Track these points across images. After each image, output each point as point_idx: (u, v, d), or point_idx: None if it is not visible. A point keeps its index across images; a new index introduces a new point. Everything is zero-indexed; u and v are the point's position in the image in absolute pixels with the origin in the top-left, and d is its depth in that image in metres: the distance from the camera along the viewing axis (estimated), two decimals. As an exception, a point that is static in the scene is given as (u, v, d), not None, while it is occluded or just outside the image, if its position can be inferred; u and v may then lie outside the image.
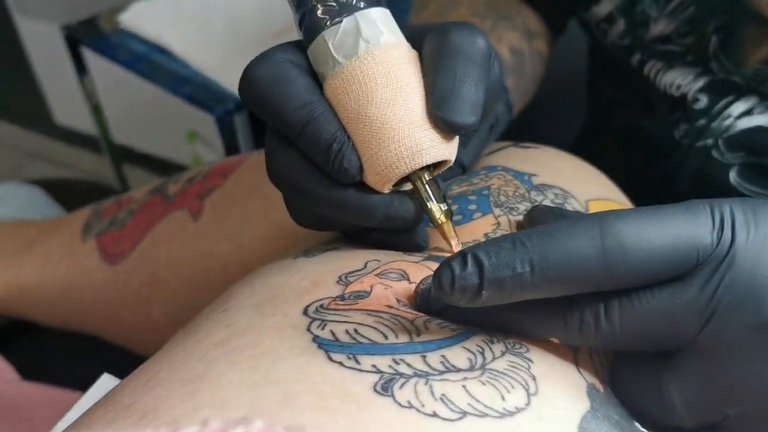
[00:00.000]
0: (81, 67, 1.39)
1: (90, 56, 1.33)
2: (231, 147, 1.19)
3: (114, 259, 0.76)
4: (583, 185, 0.59)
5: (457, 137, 0.49)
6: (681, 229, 0.38)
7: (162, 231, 0.73)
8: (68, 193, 1.05)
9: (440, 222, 0.48)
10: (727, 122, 0.65)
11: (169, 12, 1.29)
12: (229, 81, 1.17)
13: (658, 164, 0.73)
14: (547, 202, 0.56)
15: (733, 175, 0.66)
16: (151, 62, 1.23)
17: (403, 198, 0.49)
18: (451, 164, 0.49)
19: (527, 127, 0.87)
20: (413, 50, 0.49)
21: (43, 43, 1.76)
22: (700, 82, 0.67)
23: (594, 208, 0.57)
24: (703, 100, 0.67)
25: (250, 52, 0.50)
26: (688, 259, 0.38)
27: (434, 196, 0.48)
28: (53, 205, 1.00)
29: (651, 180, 0.74)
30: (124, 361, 0.58)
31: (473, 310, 0.41)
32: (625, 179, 0.66)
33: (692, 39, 0.67)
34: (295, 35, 0.51)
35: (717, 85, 0.66)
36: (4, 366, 0.82)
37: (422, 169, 0.48)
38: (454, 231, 0.49)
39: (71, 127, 1.92)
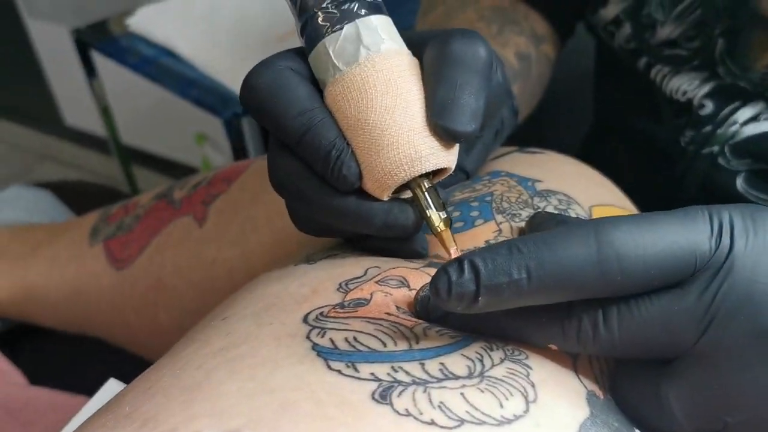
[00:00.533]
0: (90, 70, 1.40)
1: (99, 59, 1.34)
2: (239, 150, 1.20)
3: (121, 263, 0.76)
4: (587, 191, 0.59)
5: (457, 145, 0.48)
6: (679, 235, 0.38)
7: (168, 236, 0.74)
8: (77, 196, 1.05)
9: (439, 230, 0.47)
10: (733, 129, 0.65)
11: (177, 15, 1.29)
12: (237, 84, 1.17)
13: (664, 169, 0.73)
14: (550, 209, 0.56)
15: (739, 182, 0.66)
16: (159, 65, 1.24)
17: (403, 206, 0.49)
18: (451, 172, 0.49)
19: (534, 129, 0.86)
20: (414, 58, 0.49)
21: (53, 46, 1.77)
22: (706, 88, 0.67)
23: (597, 214, 0.57)
24: (709, 107, 0.66)
25: (258, 55, 0.50)
26: (686, 266, 0.38)
27: (434, 204, 0.48)
28: (61, 208, 1.00)
29: (658, 185, 0.74)
30: (130, 365, 0.58)
31: (472, 317, 0.41)
32: (633, 183, 0.66)
33: (699, 43, 0.67)
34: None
35: (723, 91, 0.66)
36: (10, 370, 0.82)
37: (422, 176, 0.47)
38: (454, 239, 0.48)
39: (81, 129, 1.93)
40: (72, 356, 0.87)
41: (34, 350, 0.88)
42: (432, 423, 0.36)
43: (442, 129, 0.46)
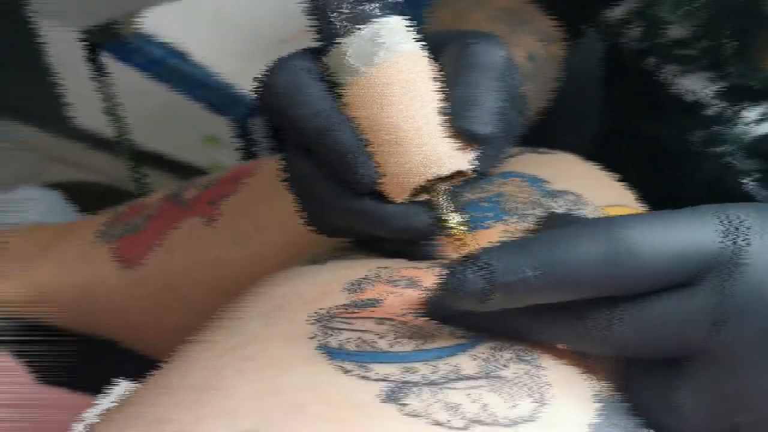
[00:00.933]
0: (99, 71, 1.40)
1: (108, 60, 1.34)
2: (248, 150, 1.20)
3: (129, 264, 0.76)
4: (598, 191, 0.59)
5: (475, 147, 0.48)
6: (690, 234, 0.38)
7: (176, 237, 0.74)
8: (85, 196, 1.05)
9: (458, 233, 0.47)
10: (742, 129, 0.65)
11: (186, 16, 1.29)
12: (246, 85, 1.17)
13: (672, 169, 0.73)
14: (561, 209, 0.56)
15: (748, 182, 0.66)
16: (168, 66, 1.24)
17: (421, 208, 0.48)
18: (468, 174, 0.49)
19: (543, 130, 0.86)
20: (432, 59, 0.49)
21: (62, 46, 1.77)
22: (715, 88, 0.66)
23: (609, 214, 0.57)
24: (718, 106, 0.66)
25: (267, 56, 0.50)
26: (698, 265, 0.38)
27: (452, 207, 0.47)
28: (69, 209, 1.01)
29: (667, 185, 0.74)
30: (138, 365, 0.58)
31: (482, 316, 0.41)
32: (640, 183, 0.66)
33: (708, 43, 0.67)
34: (308, 39, 0.51)
35: (732, 91, 0.66)
36: (18, 369, 0.82)
37: (440, 178, 0.47)
38: (471, 241, 0.47)
39: (89, 130, 1.93)
40: (80, 356, 0.87)
41: (42, 350, 0.89)
42: (441, 424, 0.36)
43: (461, 131, 0.46)
